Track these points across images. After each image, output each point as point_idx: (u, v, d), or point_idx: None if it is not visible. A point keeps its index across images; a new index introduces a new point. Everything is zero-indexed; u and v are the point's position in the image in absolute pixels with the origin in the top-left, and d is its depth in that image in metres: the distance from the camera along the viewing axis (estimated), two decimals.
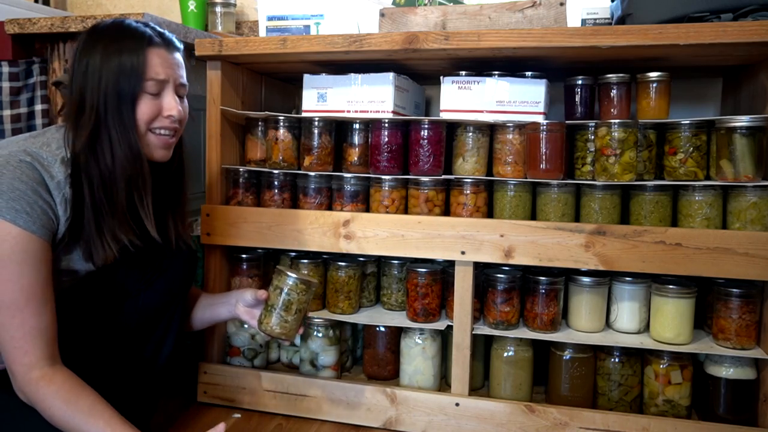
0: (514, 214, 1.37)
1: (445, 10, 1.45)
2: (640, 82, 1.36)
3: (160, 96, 1.07)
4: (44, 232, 0.98)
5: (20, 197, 0.96)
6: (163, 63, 1.07)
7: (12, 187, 0.96)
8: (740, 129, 1.23)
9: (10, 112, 1.53)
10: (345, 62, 1.44)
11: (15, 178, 0.96)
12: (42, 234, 0.98)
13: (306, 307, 1.21)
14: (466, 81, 1.40)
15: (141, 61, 1.04)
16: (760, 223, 1.23)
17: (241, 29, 2.11)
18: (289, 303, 1.18)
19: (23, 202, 0.96)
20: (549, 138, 1.32)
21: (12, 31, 1.51)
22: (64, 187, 1.01)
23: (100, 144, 1.03)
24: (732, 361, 1.29)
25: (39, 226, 0.97)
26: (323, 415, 1.43)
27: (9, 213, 0.94)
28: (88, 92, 1.03)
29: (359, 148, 1.46)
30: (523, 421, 1.33)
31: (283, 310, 1.18)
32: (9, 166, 0.97)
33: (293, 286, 1.18)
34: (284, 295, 1.18)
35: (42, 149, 1.02)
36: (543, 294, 1.36)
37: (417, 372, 1.43)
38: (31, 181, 0.98)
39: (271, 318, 1.19)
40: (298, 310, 1.19)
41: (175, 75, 1.09)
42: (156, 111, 1.07)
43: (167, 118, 1.08)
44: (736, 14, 1.23)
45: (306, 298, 1.20)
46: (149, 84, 1.05)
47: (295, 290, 1.18)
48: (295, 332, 1.21)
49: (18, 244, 0.95)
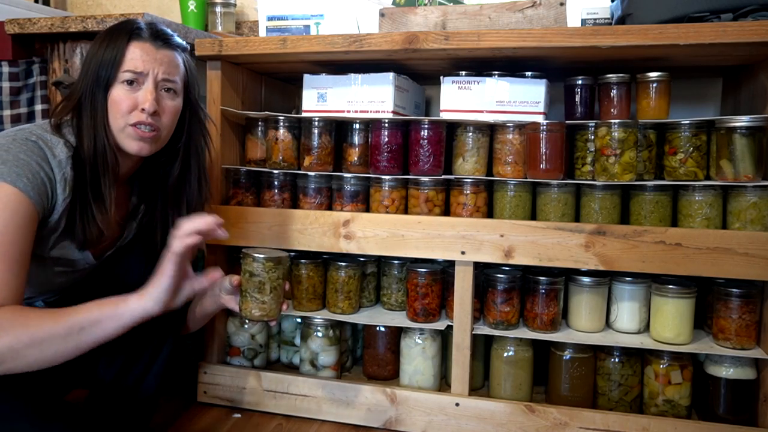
0: (514, 214, 1.37)
1: (445, 10, 1.45)
2: (640, 82, 1.36)
3: (137, 89, 1.08)
4: (38, 201, 0.99)
5: (24, 166, 0.98)
6: (144, 56, 1.08)
7: (17, 158, 0.98)
8: (740, 129, 1.23)
9: (10, 112, 1.53)
10: (345, 62, 1.44)
11: (21, 151, 0.99)
12: (36, 202, 0.99)
13: (281, 283, 1.18)
14: (466, 81, 1.40)
15: (120, 51, 1.07)
16: (760, 223, 1.23)
17: (241, 29, 2.11)
18: (261, 284, 1.16)
19: (26, 169, 0.98)
20: (549, 138, 1.32)
21: (12, 31, 1.51)
22: (65, 167, 1.03)
23: (82, 128, 1.07)
24: (732, 361, 1.29)
25: (35, 194, 0.98)
26: (323, 415, 1.43)
27: (10, 176, 0.96)
28: (79, 79, 1.09)
29: (359, 148, 1.46)
30: (523, 421, 1.33)
31: (258, 292, 1.16)
32: (15, 142, 1.00)
33: (261, 267, 1.15)
34: (255, 277, 1.16)
35: (42, 131, 1.04)
36: (543, 294, 1.36)
37: (417, 372, 1.43)
38: (36, 156, 1.00)
39: (249, 303, 1.17)
40: (272, 288, 1.17)
41: (157, 69, 1.09)
42: (132, 104, 1.08)
43: (142, 111, 1.08)
44: (736, 14, 1.23)
45: (278, 274, 1.17)
46: (125, 74, 1.07)
47: (264, 270, 1.15)
48: (277, 311, 1.19)
49: (10, 202, 0.96)
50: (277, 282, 1.17)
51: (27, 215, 0.98)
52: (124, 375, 1.18)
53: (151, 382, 1.21)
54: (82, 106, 1.07)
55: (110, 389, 1.18)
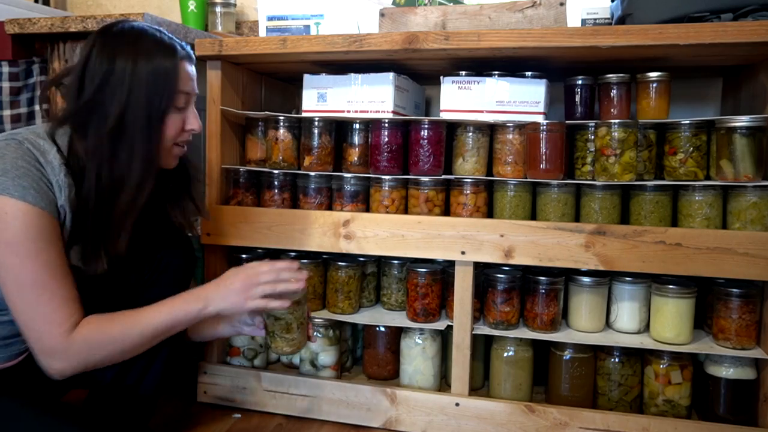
0: (514, 214, 1.37)
1: (445, 10, 1.45)
2: (640, 82, 1.36)
3: (184, 110, 1.08)
4: (52, 208, 0.97)
5: (25, 174, 0.95)
6: (190, 76, 1.07)
7: (15, 165, 0.95)
8: (740, 129, 1.23)
9: (10, 112, 1.53)
10: (345, 62, 1.44)
11: (17, 156, 0.95)
12: (50, 210, 0.97)
13: (305, 316, 1.20)
14: (466, 81, 1.40)
15: (174, 74, 1.03)
16: (760, 223, 1.23)
17: (241, 29, 2.11)
18: (288, 324, 1.17)
19: (29, 179, 0.95)
20: (549, 138, 1.32)
21: (12, 31, 1.51)
22: (58, 174, 0.99)
23: (117, 153, 1.01)
24: (732, 361, 1.29)
25: (47, 203, 0.96)
26: (323, 415, 1.43)
27: (17, 190, 0.93)
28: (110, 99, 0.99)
29: (359, 148, 1.46)
30: (523, 421, 1.33)
31: (285, 332, 1.17)
32: (8, 147, 0.96)
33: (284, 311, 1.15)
34: (280, 320, 1.16)
35: (35, 137, 1.00)
36: (543, 294, 1.36)
37: (417, 372, 1.43)
38: (32, 159, 0.97)
39: (278, 342, 1.18)
40: (299, 325, 1.18)
41: (196, 88, 1.10)
42: (180, 125, 1.07)
43: (188, 131, 1.09)
44: (736, 14, 1.23)
45: (301, 310, 1.17)
46: (179, 97, 1.05)
47: (288, 312, 1.15)
48: (305, 338, 1.21)
49: (31, 221, 0.94)
50: (302, 318, 1.18)
51: (51, 227, 0.97)
52: (122, 375, 1.18)
53: (150, 383, 1.21)
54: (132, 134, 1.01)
55: (109, 389, 1.18)
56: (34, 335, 0.97)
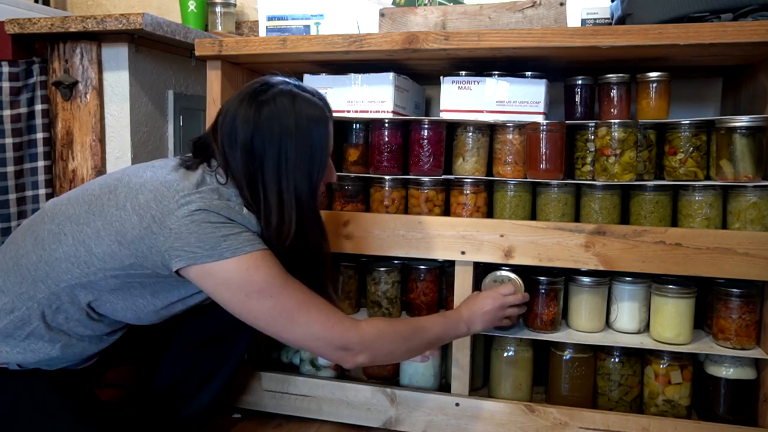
0: (514, 214, 1.37)
1: (445, 10, 1.45)
2: (640, 82, 1.36)
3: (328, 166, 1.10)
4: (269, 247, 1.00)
5: (242, 231, 0.97)
6: (332, 136, 1.09)
7: (230, 228, 0.95)
8: (740, 129, 1.23)
9: (10, 112, 1.53)
10: (345, 62, 1.44)
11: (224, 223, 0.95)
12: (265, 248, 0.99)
13: None
14: (466, 81, 1.40)
15: (326, 138, 1.05)
16: (760, 223, 1.23)
17: (241, 29, 2.11)
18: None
19: (246, 234, 0.97)
20: (549, 138, 1.32)
21: (12, 31, 1.51)
22: (255, 227, 1.01)
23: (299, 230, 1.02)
24: (732, 361, 1.29)
25: (265, 244, 0.99)
26: (323, 415, 1.43)
27: (247, 246, 0.95)
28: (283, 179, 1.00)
29: (359, 148, 1.46)
30: (523, 421, 1.33)
31: None
32: (211, 215, 0.95)
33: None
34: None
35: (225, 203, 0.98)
36: (543, 294, 1.36)
37: (417, 372, 1.43)
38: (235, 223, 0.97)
39: None
40: None
41: None
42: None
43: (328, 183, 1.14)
44: (736, 14, 1.23)
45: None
46: (329, 158, 1.07)
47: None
48: None
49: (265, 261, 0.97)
50: None
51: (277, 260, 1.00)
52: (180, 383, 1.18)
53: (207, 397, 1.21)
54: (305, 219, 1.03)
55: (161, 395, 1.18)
56: (324, 344, 1.01)
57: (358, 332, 1.02)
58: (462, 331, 1.20)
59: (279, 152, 0.99)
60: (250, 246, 0.95)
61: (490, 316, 1.21)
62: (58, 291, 0.97)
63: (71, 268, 0.97)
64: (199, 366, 1.18)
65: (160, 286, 1.00)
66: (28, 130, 1.56)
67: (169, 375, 1.17)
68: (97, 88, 1.54)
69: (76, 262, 0.97)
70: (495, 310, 1.22)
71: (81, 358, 1.05)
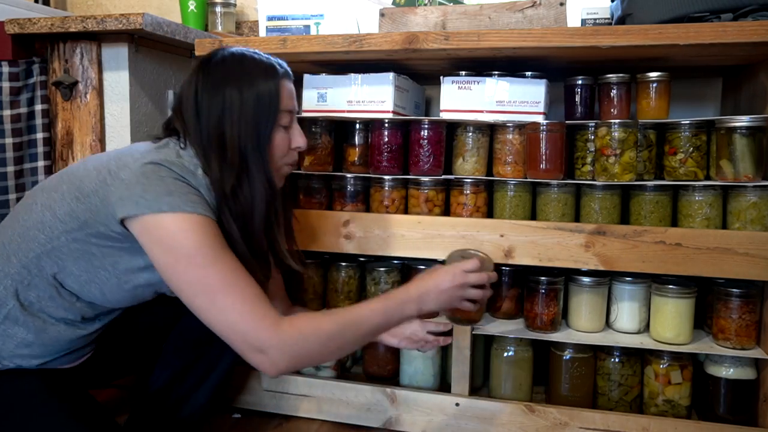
0: (514, 214, 1.37)
1: (445, 10, 1.45)
2: (640, 82, 1.36)
3: (288, 128, 1.07)
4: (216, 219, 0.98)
5: (188, 191, 0.96)
6: (291, 95, 1.07)
7: (176, 185, 0.95)
8: (740, 129, 1.23)
9: (10, 112, 1.53)
10: (345, 62, 1.44)
11: (175, 178, 0.96)
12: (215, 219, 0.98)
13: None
14: (466, 81, 1.40)
15: (276, 92, 1.03)
16: (760, 223, 1.23)
17: (241, 29, 2.11)
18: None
19: (192, 195, 0.96)
20: (549, 138, 1.32)
21: (12, 31, 1.51)
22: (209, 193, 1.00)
23: (241, 182, 1.01)
24: (732, 361, 1.29)
25: (211, 213, 0.97)
26: (323, 415, 1.43)
27: (188, 206, 0.93)
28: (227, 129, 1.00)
29: (359, 148, 1.46)
30: (523, 421, 1.33)
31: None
32: (161, 170, 0.96)
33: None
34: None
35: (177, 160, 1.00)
36: (543, 294, 1.36)
37: (417, 372, 1.43)
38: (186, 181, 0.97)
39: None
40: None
41: (296, 106, 1.10)
42: (287, 145, 1.07)
43: (295, 149, 1.09)
44: (736, 14, 1.23)
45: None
46: (283, 116, 1.05)
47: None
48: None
49: (204, 229, 0.94)
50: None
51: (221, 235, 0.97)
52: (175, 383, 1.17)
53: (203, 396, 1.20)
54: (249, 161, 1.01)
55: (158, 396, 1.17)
56: (239, 338, 0.94)
57: (277, 333, 0.93)
58: (411, 312, 1.05)
59: (223, 102, 1.00)
60: (191, 207, 0.93)
61: (447, 295, 1.07)
62: (27, 263, 0.98)
63: (38, 234, 0.98)
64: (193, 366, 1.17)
65: (117, 252, 0.99)
66: (28, 130, 1.56)
67: (164, 376, 1.17)
68: (97, 88, 1.54)
69: (42, 228, 0.98)
70: (453, 289, 1.07)
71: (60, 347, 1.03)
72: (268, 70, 1.04)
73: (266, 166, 1.03)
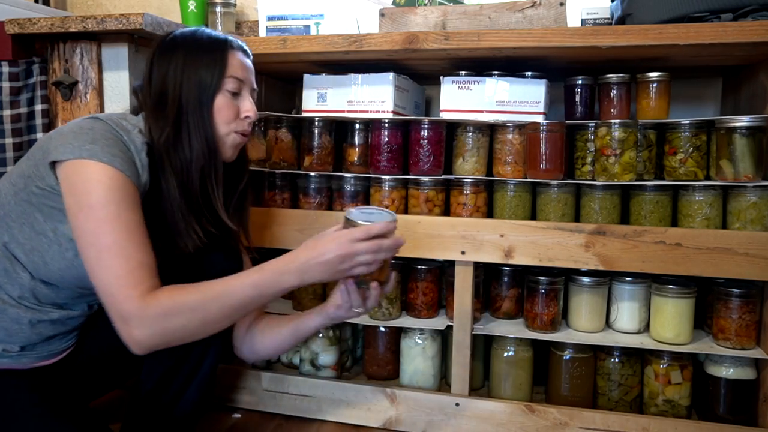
0: (514, 214, 1.37)
1: (445, 10, 1.45)
2: (640, 82, 1.36)
3: (238, 97, 1.10)
4: (136, 180, 0.99)
5: (113, 145, 0.97)
6: (241, 66, 1.10)
7: (104, 136, 0.97)
8: (740, 129, 1.23)
9: (10, 112, 1.52)
10: (345, 62, 1.44)
11: (106, 130, 0.99)
12: (135, 181, 0.99)
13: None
14: (466, 81, 1.40)
15: (222, 58, 1.07)
16: (760, 223, 1.23)
17: (241, 29, 2.11)
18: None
19: (116, 149, 0.97)
20: (549, 138, 1.32)
21: (12, 31, 1.51)
22: (140, 152, 1.02)
23: (179, 136, 1.05)
24: (732, 361, 1.29)
25: (132, 173, 0.98)
26: (323, 415, 1.43)
27: (106, 156, 0.95)
28: (170, 87, 1.05)
29: (359, 148, 1.46)
30: (523, 421, 1.33)
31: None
32: (96, 123, 1.00)
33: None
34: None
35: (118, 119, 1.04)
36: (543, 294, 1.36)
37: (417, 372, 1.43)
38: (118, 136, 1.00)
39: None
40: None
41: (250, 79, 1.12)
42: (234, 112, 1.09)
43: (245, 119, 1.10)
44: (736, 14, 1.23)
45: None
46: (229, 81, 1.07)
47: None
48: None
49: (115, 184, 0.95)
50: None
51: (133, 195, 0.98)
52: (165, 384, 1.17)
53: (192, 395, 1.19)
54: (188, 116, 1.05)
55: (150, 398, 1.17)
56: (110, 300, 0.93)
57: (140, 305, 0.90)
58: (290, 283, 0.99)
59: (169, 64, 1.06)
60: (109, 159, 0.94)
61: (331, 267, 0.98)
62: None
63: None
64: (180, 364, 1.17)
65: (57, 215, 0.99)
66: (28, 130, 1.56)
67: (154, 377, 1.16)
68: (97, 88, 1.54)
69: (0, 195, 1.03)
70: (338, 260, 0.98)
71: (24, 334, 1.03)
72: (218, 40, 1.09)
73: (206, 126, 1.06)
